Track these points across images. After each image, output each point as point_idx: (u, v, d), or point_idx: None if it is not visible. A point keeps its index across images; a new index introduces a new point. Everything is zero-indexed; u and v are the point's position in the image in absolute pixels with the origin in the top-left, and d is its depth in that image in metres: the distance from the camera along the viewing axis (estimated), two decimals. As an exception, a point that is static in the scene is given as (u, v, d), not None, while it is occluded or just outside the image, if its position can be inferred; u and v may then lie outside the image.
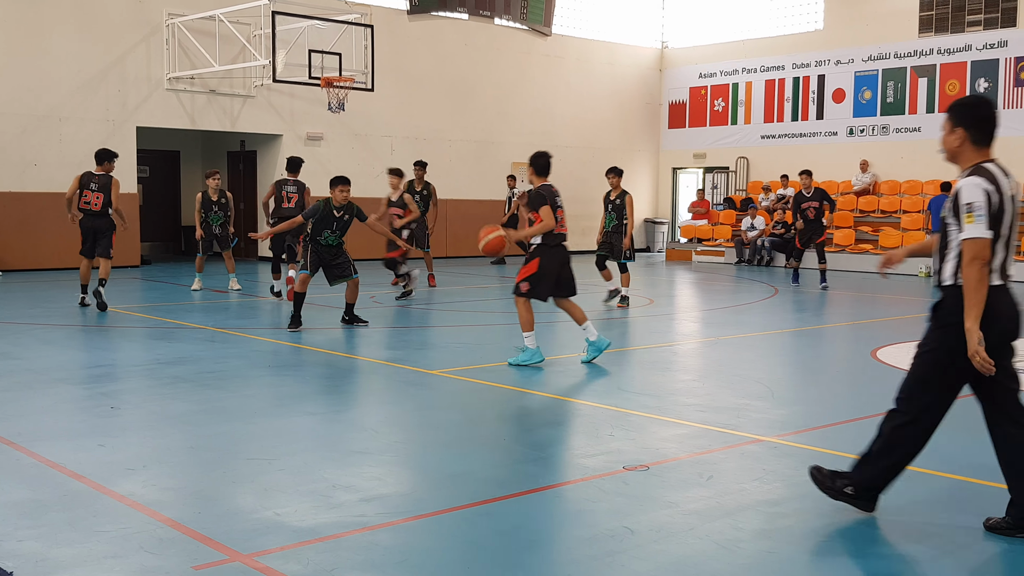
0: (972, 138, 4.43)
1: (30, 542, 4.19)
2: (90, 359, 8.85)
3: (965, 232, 4.24)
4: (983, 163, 4.39)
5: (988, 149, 4.44)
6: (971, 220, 4.23)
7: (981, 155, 4.42)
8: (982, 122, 4.42)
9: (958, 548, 4.32)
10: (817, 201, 16.22)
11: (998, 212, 4.26)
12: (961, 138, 4.45)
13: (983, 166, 4.37)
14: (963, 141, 4.45)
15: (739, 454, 5.78)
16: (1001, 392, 4.45)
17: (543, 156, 8.82)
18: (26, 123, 17.68)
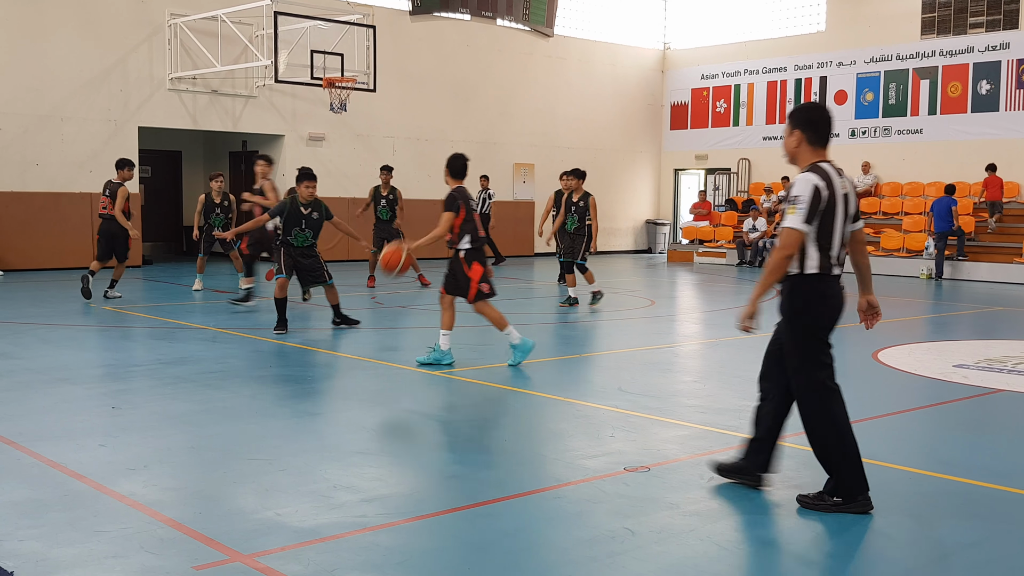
0: (808, 139, 4.79)
1: (31, 542, 4.19)
2: (91, 359, 8.85)
3: (785, 221, 4.66)
4: (819, 162, 4.74)
5: (824, 150, 4.80)
6: (793, 212, 4.63)
7: (817, 155, 4.78)
8: (817, 124, 4.79)
9: (955, 551, 4.32)
10: None
11: (828, 208, 4.63)
12: (799, 139, 4.80)
13: (819, 164, 4.72)
14: (800, 142, 4.81)
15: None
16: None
17: (459, 158, 8.79)
18: (28, 123, 17.69)
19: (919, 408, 7.37)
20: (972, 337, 11.54)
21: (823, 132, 4.79)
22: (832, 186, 4.64)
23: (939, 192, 21.73)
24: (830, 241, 4.67)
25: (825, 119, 4.81)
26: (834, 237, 4.68)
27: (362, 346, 10.05)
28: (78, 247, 18.33)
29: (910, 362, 9.22)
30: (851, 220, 4.80)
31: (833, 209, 4.65)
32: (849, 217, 4.77)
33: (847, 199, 4.72)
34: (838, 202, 4.66)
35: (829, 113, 4.85)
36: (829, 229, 4.65)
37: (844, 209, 4.70)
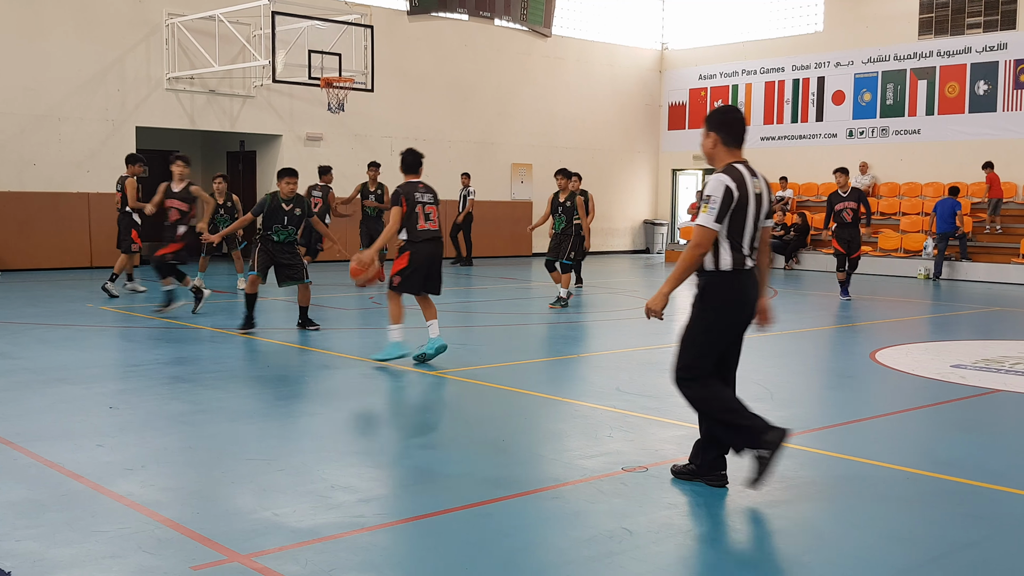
0: (723, 141, 5.03)
1: (28, 542, 4.19)
2: (89, 359, 8.84)
3: (698, 219, 4.85)
4: (734, 163, 4.98)
5: (738, 151, 5.04)
6: (705, 211, 4.84)
7: (732, 156, 5.02)
8: (731, 126, 5.03)
9: (952, 551, 4.32)
10: (854, 202, 14.38)
11: (740, 206, 4.84)
12: (715, 141, 5.04)
13: (733, 165, 4.96)
14: (716, 144, 5.05)
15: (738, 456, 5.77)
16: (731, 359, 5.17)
17: (409, 154, 8.79)
18: (25, 123, 17.68)
19: (917, 408, 7.38)
20: (970, 337, 11.55)
21: (737, 134, 5.03)
22: (744, 186, 4.87)
23: (938, 192, 21.77)
24: (741, 238, 4.89)
25: (738, 121, 5.06)
26: (745, 234, 4.90)
27: (359, 346, 10.05)
28: (75, 247, 18.32)
29: (908, 362, 9.23)
30: (763, 218, 5.02)
31: (744, 208, 4.86)
32: (761, 216, 4.99)
33: (759, 199, 4.95)
34: (750, 202, 4.88)
35: (742, 115, 5.13)
36: (740, 227, 4.86)
37: (756, 208, 4.92)
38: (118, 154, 18.65)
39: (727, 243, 4.86)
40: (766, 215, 5.03)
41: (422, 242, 8.57)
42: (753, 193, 4.90)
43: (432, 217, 8.63)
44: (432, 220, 8.63)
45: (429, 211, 8.61)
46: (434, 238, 8.65)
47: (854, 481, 5.36)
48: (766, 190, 5.04)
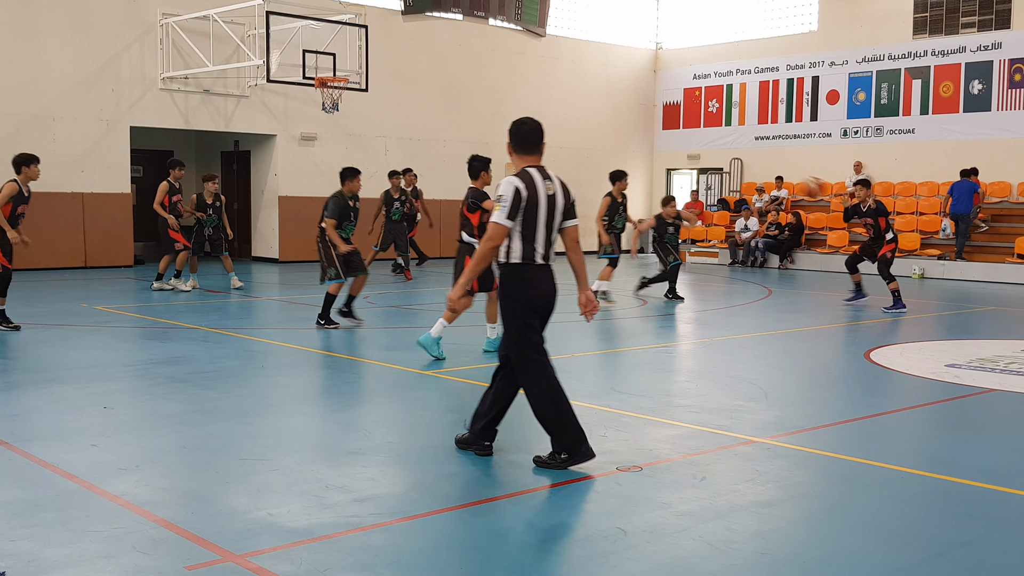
0: (516, 148, 5.62)
1: (23, 542, 4.18)
2: (83, 359, 8.83)
3: (492, 217, 5.35)
4: (527, 167, 5.50)
5: (531, 156, 5.57)
6: (497, 209, 5.34)
7: (525, 161, 5.55)
8: (523, 135, 5.61)
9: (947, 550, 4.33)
10: (873, 218, 13.74)
11: (531, 205, 5.33)
12: (510, 149, 5.64)
13: (525, 169, 5.50)
14: (512, 151, 5.63)
15: (732, 455, 5.79)
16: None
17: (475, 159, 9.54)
18: (19, 123, 17.63)
19: (911, 408, 7.39)
20: (964, 337, 11.57)
21: (529, 142, 5.58)
22: (534, 187, 5.37)
23: (932, 191, 21.83)
24: (534, 234, 5.37)
25: (531, 131, 5.60)
26: (538, 231, 5.37)
27: (355, 346, 10.04)
28: (70, 247, 18.29)
29: (902, 362, 9.25)
30: (562, 217, 5.49)
31: (535, 207, 5.35)
32: (556, 214, 5.44)
33: (552, 199, 5.42)
34: (540, 202, 5.36)
35: (535, 126, 5.63)
36: (532, 224, 5.35)
37: (548, 208, 5.39)
38: (112, 154, 18.66)
39: (519, 238, 5.36)
40: (565, 215, 5.50)
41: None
42: (544, 194, 5.40)
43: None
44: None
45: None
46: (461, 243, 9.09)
47: (849, 481, 5.38)
48: (561, 191, 5.49)
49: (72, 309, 12.34)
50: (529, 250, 5.37)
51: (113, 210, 18.75)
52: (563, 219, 5.50)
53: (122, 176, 18.89)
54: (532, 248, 5.38)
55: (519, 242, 5.36)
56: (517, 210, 5.31)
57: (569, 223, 5.54)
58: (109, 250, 18.81)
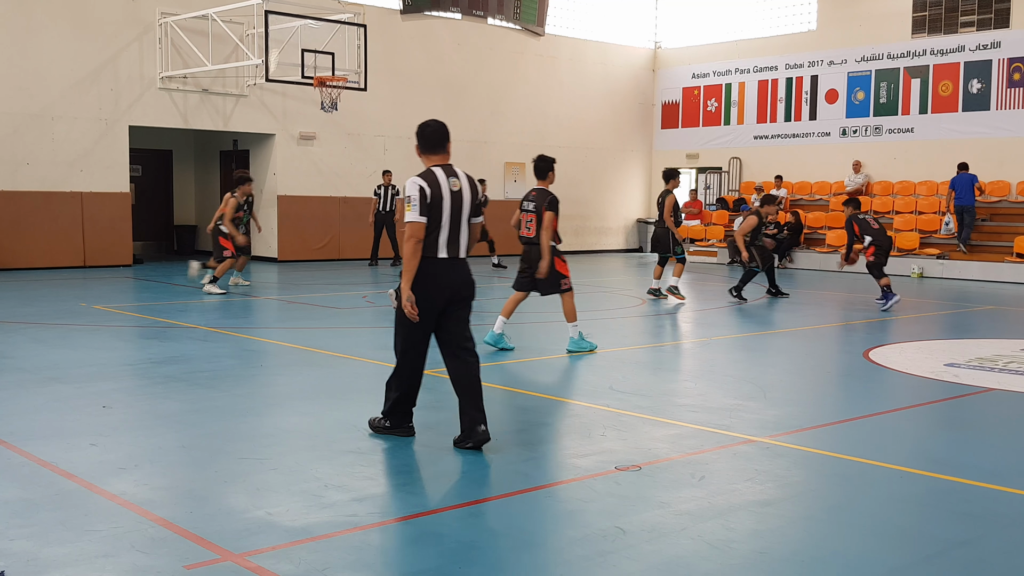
0: (422, 148, 5.92)
1: (21, 541, 4.18)
2: (82, 358, 8.83)
3: (405, 217, 5.66)
4: (432, 167, 5.81)
5: (437, 156, 5.87)
6: (409, 208, 5.64)
7: (431, 161, 5.87)
8: (427, 137, 5.90)
9: (946, 549, 4.33)
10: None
11: (435, 203, 5.64)
12: (418, 149, 5.95)
13: (430, 168, 5.80)
14: (419, 152, 5.94)
15: (731, 454, 5.79)
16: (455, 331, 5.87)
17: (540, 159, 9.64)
18: (18, 122, 17.63)
19: (911, 407, 7.39)
20: (963, 336, 11.58)
21: (433, 142, 5.88)
22: (438, 185, 5.69)
23: (931, 191, 21.83)
24: (437, 230, 5.68)
25: (435, 132, 5.89)
26: (441, 227, 5.69)
27: (353, 345, 10.04)
28: (69, 246, 18.29)
29: (901, 361, 9.25)
30: (469, 213, 5.81)
31: (439, 204, 5.66)
32: (463, 210, 5.76)
33: (457, 196, 5.74)
34: (444, 198, 5.67)
35: (438, 127, 5.92)
36: (436, 220, 5.67)
37: (452, 204, 5.70)
38: (111, 153, 18.66)
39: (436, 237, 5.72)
40: (472, 211, 5.82)
41: (524, 246, 9.46)
42: (448, 191, 5.72)
43: (531, 225, 9.28)
44: (529, 228, 9.30)
45: (529, 218, 9.29)
46: (528, 243, 9.37)
47: (847, 480, 5.38)
48: (467, 188, 5.80)
49: (71, 308, 12.34)
50: (432, 245, 5.69)
51: (112, 209, 18.74)
52: (471, 215, 5.83)
53: (121, 175, 18.88)
54: (435, 243, 5.69)
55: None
56: (425, 207, 5.64)
57: (475, 220, 5.89)
58: (108, 249, 18.80)
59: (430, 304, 5.71)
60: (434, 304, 5.73)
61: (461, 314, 5.85)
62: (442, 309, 5.77)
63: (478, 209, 5.86)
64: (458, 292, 5.79)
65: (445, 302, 5.76)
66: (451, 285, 5.76)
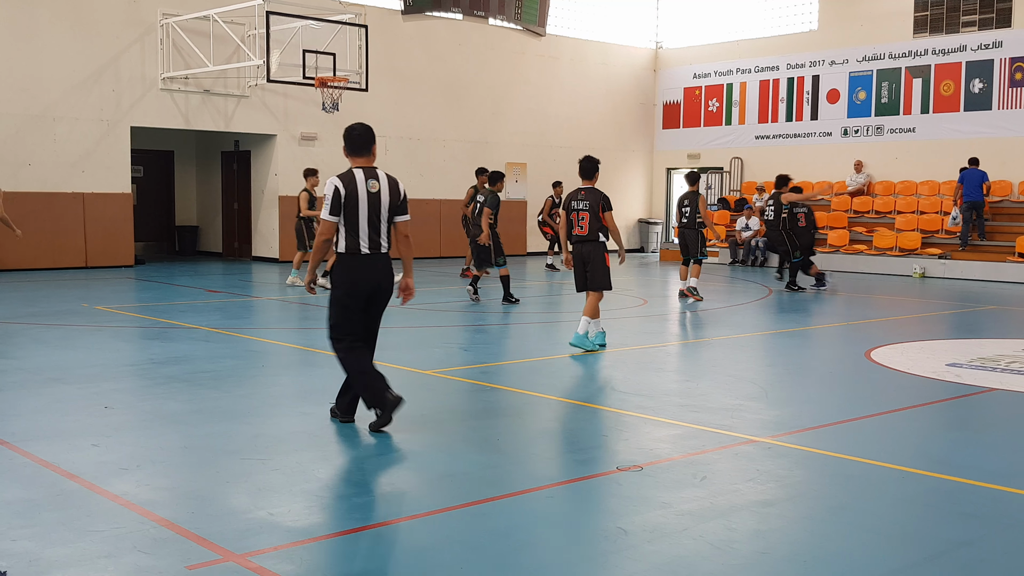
0: (346, 151, 6.31)
1: (23, 541, 4.18)
2: (84, 359, 8.83)
3: (321, 214, 6.10)
4: (353, 168, 6.21)
5: (361, 158, 6.26)
6: (324, 206, 6.08)
7: (356, 162, 6.26)
8: (351, 139, 6.32)
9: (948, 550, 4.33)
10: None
11: (351, 202, 6.04)
12: (345, 152, 6.32)
13: (350, 169, 6.20)
14: (346, 154, 6.32)
15: (733, 455, 5.79)
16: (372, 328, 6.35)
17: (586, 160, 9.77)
18: (20, 123, 17.64)
19: (912, 407, 7.39)
20: (965, 336, 11.57)
21: (355, 145, 6.28)
22: (354, 185, 6.07)
23: (932, 190, 21.81)
24: (356, 227, 6.06)
25: (358, 136, 6.31)
26: (360, 224, 6.07)
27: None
28: (71, 247, 18.30)
29: (903, 361, 9.24)
30: (391, 212, 6.19)
31: (355, 204, 6.04)
32: (382, 209, 6.14)
33: (375, 195, 6.12)
34: (360, 198, 6.06)
35: (361, 130, 6.36)
36: (355, 218, 6.04)
37: (370, 203, 6.08)
38: (113, 154, 18.67)
39: (344, 230, 6.08)
40: (393, 210, 6.19)
41: (575, 244, 9.62)
42: (366, 191, 6.09)
43: (583, 224, 9.46)
44: (582, 226, 9.47)
45: (582, 217, 9.46)
46: (580, 241, 9.53)
47: (849, 480, 5.38)
48: (387, 189, 6.16)
49: (73, 309, 12.34)
50: (353, 241, 6.09)
51: (114, 210, 18.75)
52: (393, 214, 6.21)
53: (123, 176, 18.90)
54: (356, 239, 6.09)
55: (344, 234, 6.09)
56: (339, 207, 6.03)
57: (399, 219, 6.26)
58: (110, 250, 18.82)
59: (356, 295, 6.15)
60: (360, 295, 6.16)
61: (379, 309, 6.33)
62: (367, 301, 6.20)
63: (403, 207, 6.26)
64: (379, 285, 6.21)
65: (369, 293, 6.18)
66: (373, 278, 6.17)
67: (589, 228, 9.47)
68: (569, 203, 9.60)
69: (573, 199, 9.58)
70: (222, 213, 22.81)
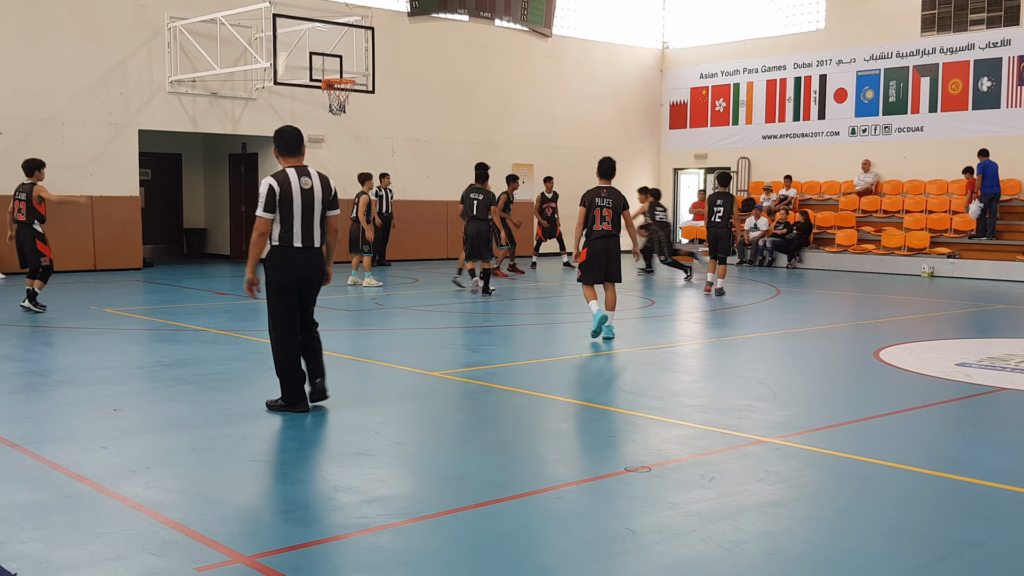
0: (278, 152, 6.76)
1: (34, 544, 4.20)
2: (93, 361, 8.86)
3: (256, 212, 6.59)
4: (286, 167, 6.68)
5: (292, 158, 6.75)
6: (259, 204, 6.53)
7: (287, 163, 6.74)
8: (284, 142, 6.77)
9: (958, 550, 4.32)
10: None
11: (285, 200, 6.52)
12: (276, 153, 6.76)
13: (284, 169, 6.67)
14: (277, 155, 6.76)
15: (741, 455, 5.78)
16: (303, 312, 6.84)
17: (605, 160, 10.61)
18: (29, 127, 17.70)
19: (922, 407, 7.37)
20: (974, 335, 11.54)
21: (288, 147, 6.74)
22: (288, 183, 6.55)
23: (941, 189, 21.75)
24: (291, 222, 6.54)
25: (291, 137, 6.76)
26: (294, 220, 6.54)
27: (361, 347, 10.05)
28: (78, 250, 18.34)
29: (912, 361, 9.22)
30: (323, 207, 6.65)
31: (289, 200, 6.52)
32: (315, 205, 6.60)
33: (308, 192, 6.58)
34: (294, 195, 6.53)
35: (292, 133, 6.78)
36: (288, 214, 6.53)
37: (303, 199, 6.55)
38: (121, 157, 18.73)
39: (279, 225, 6.53)
40: (326, 205, 6.66)
41: (597, 239, 10.10)
42: (299, 188, 6.56)
43: (608, 218, 10.04)
44: (607, 221, 10.04)
45: (606, 214, 10.04)
46: (606, 235, 10.08)
47: (859, 480, 5.36)
48: (320, 186, 6.64)
49: (81, 312, 12.38)
50: (287, 235, 6.54)
51: (122, 213, 18.81)
52: (325, 209, 6.66)
53: (131, 179, 18.95)
54: (290, 233, 6.54)
55: (279, 229, 6.54)
56: (273, 204, 6.51)
57: (331, 213, 6.74)
58: (118, 253, 18.87)
59: (288, 285, 6.61)
60: (292, 285, 6.63)
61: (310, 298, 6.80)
62: (299, 290, 6.67)
63: (334, 203, 6.73)
64: (309, 276, 6.68)
65: (299, 284, 6.65)
66: (304, 270, 6.63)
67: (614, 223, 10.08)
68: (592, 199, 10.09)
69: (596, 196, 10.10)
70: (230, 215, 22.85)
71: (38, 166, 12.31)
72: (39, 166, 12.32)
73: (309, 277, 6.69)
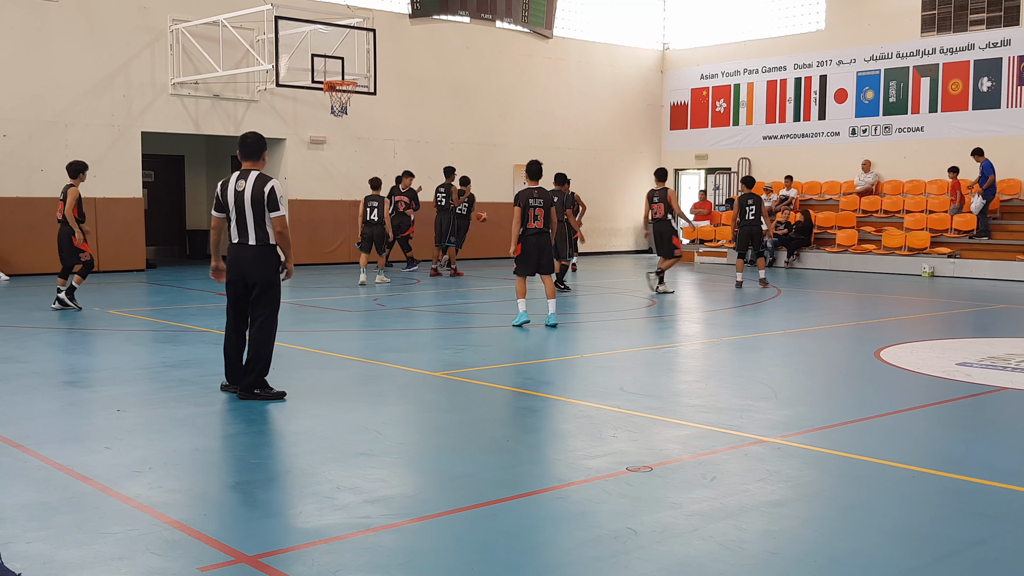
0: (241, 156, 7.17)
1: (38, 544, 4.22)
2: (96, 362, 8.88)
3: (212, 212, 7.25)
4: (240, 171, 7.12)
5: (248, 162, 7.15)
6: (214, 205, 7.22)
7: (244, 166, 7.16)
8: (245, 147, 7.16)
9: (959, 550, 4.33)
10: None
11: (224, 200, 7.09)
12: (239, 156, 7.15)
13: (234, 172, 7.08)
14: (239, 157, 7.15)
15: (743, 455, 5.79)
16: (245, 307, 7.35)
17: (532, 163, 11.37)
18: (32, 129, 17.74)
19: (922, 407, 7.38)
20: (975, 335, 11.55)
21: (247, 151, 7.12)
22: (226, 186, 7.09)
23: (942, 189, 21.75)
24: (231, 221, 7.06)
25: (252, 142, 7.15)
26: (232, 218, 7.06)
27: (364, 348, 10.07)
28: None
29: (913, 360, 9.23)
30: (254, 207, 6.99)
31: (226, 201, 7.07)
32: (245, 205, 6.99)
33: (240, 194, 7.01)
34: (229, 196, 7.05)
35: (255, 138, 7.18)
36: (229, 214, 7.07)
37: (236, 199, 7.02)
38: (124, 159, 18.76)
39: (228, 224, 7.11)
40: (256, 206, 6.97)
41: (531, 235, 11.04)
42: (233, 190, 7.05)
43: (539, 216, 11.00)
44: (539, 219, 11.01)
45: (538, 213, 11.00)
46: (538, 232, 11.04)
47: (860, 480, 5.38)
48: (250, 187, 7.00)
49: (85, 313, 12.40)
50: (229, 232, 7.14)
51: (125, 215, 18.85)
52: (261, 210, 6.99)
53: (134, 181, 18.99)
54: (231, 232, 7.12)
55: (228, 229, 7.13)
56: (216, 204, 7.16)
57: (272, 215, 7.03)
58: (121, 254, 18.91)
59: (230, 279, 7.20)
60: (232, 279, 7.19)
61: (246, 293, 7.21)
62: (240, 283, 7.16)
63: (273, 204, 7.01)
64: (243, 270, 7.12)
65: (236, 278, 7.16)
66: (238, 264, 7.11)
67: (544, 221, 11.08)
68: (526, 200, 11.04)
69: (529, 196, 11.03)
70: (232, 217, 22.86)
71: (79, 169, 12.72)
72: (80, 168, 12.74)
73: (244, 271, 7.12)
